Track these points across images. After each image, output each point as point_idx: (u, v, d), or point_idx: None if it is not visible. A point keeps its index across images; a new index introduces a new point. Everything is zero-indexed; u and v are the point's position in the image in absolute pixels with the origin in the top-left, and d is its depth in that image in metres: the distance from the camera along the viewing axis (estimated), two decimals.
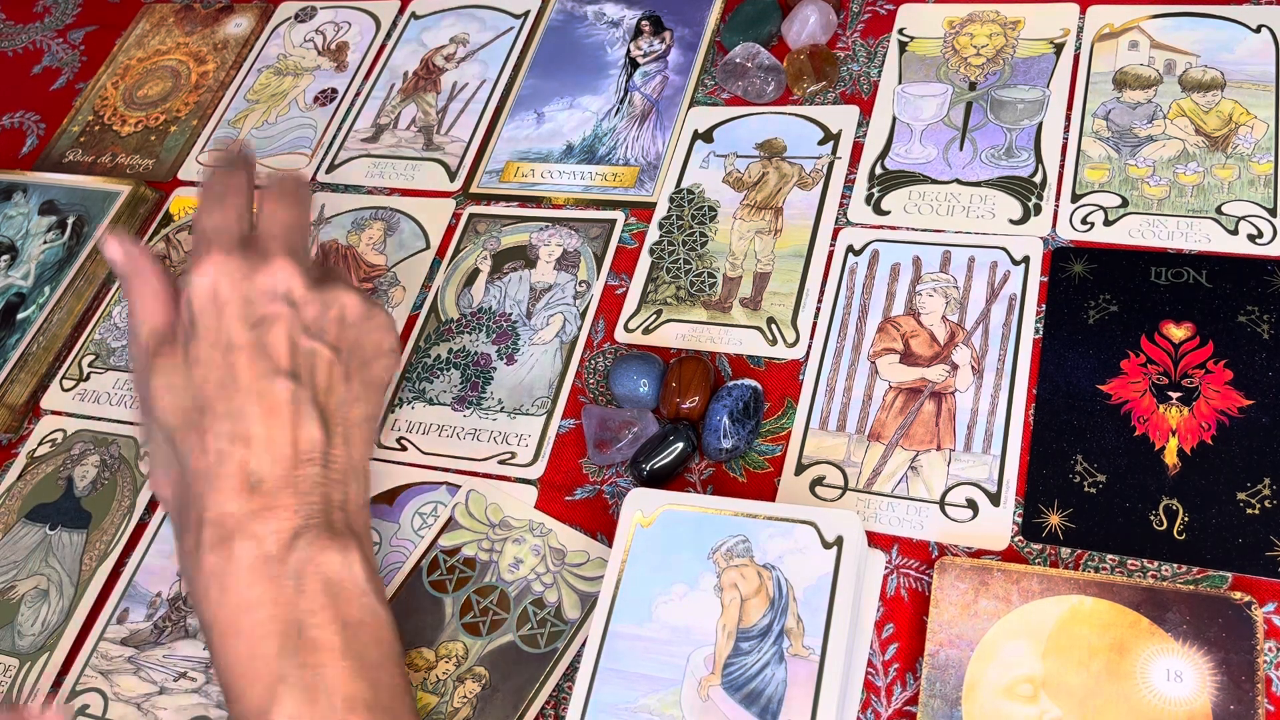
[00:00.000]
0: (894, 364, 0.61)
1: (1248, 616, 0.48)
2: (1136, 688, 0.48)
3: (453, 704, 0.56)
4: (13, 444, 0.73)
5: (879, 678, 0.52)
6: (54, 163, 0.89)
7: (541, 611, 0.57)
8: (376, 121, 0.83)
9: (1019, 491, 0.56)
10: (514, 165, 0.77)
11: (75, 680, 0.62)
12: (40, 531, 0.68)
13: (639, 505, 0.56)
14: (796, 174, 0.70)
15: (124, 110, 0.91)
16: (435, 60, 0.86)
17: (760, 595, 0.52)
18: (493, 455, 0.64)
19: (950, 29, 0.74)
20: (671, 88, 0.77)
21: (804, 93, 0.74)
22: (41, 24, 1.02)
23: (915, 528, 0.56)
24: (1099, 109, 0.68)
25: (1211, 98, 0.66)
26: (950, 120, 0.70)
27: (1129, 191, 0.64)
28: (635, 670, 0.51)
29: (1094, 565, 0.53)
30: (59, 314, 0.78)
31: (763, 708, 0.49)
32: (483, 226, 0.74)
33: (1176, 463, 0.54)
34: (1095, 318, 0.60)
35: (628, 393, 0.62)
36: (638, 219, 0.72)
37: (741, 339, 0.64)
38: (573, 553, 0.59)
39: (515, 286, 0.71)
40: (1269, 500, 0.52)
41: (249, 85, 0.89)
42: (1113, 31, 0.70)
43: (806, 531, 0.52)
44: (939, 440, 0.58)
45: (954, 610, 0.52)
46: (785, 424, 0.61)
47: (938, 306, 0.62)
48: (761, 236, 0.68)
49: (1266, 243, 0.60)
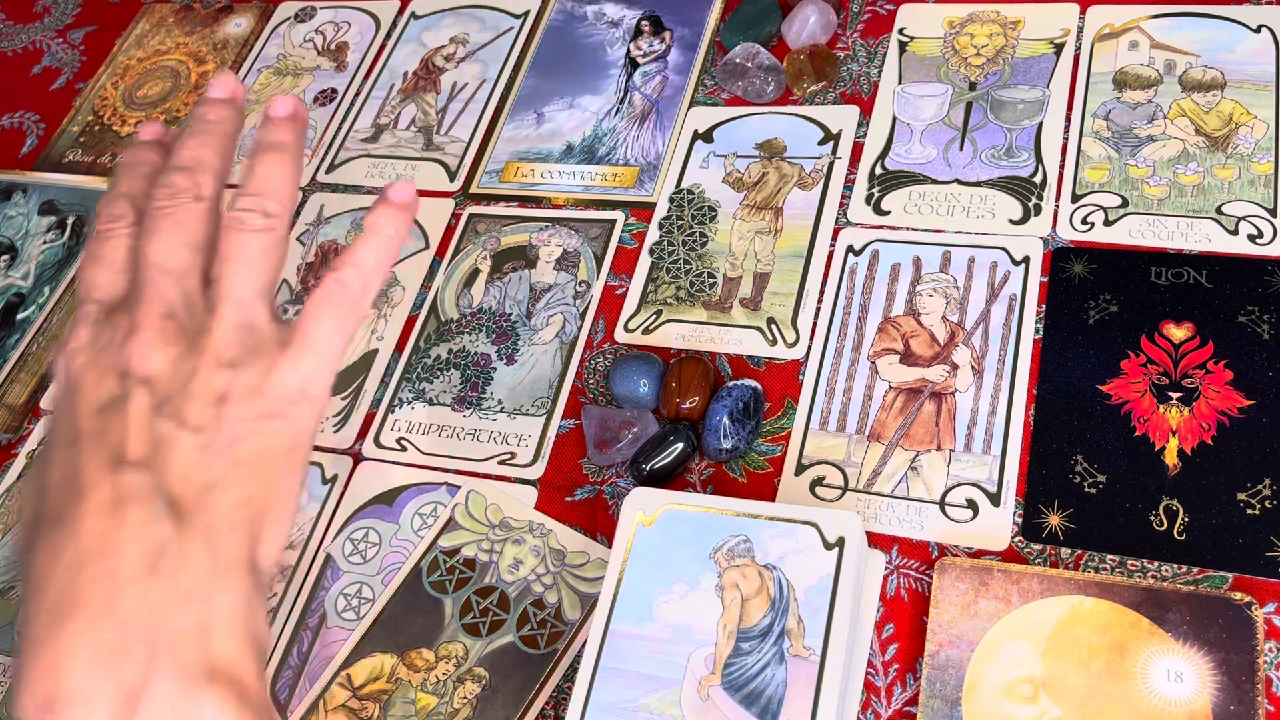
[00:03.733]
0: (894, 364, 0.61)
1: (1248, 617, 0.48)
2: (1136, 688, 0.48)
3: (453, 705, 0.56)
4: (13, 444, 0.73)
5: (879, 678, 0.52)
6: (54, 163, 0.89)
7: (541, 612, 0.57)
8: (376, 121, 0.83)
9: (1019, 492, 0.56)
10: (514, 165, 0.77)
11: None
12: None
13: (641, 504, 0.56)
14: (796, 174, 0.70)
15: (124, 110, 0.91)
16: (435, 60, 0.85)
17: (761, 595, 0.52)
18: (493, 456, 0.64)
19: (950, 29, 0.74)
20: (671, 88, 0.77)
21: (804, 93, 0.74)
22: (41, 24, 1.02)
23: (915, 528, 0.56)
24: (1099, 109, 0.68)
25: (1212, 98, 0.66)
26: (950, 120, 0.70)
27: (1129, 191, 0.64)
28: (635, 670, 0.51)
29: (1094, 565, 0.53)
30: (59, 314, 0.78)
31: (763, 708, 0.49)
32: (483, 226, 0.74)
33: (1177, 463, 0.54)
34: (1095, 318, 0.60)
35: (628, 393, 0.62)
36: (638, 219, 0.72)
37: (741, 339, 0.64)
38: (573, 553, 0.59)
39: (515, 286, 0.71)
40: (1269, 500, 0.52)
41: (249, 85, 0.89)
42: (1113, 31, 0.70)
43: (808, 532, 0.52)
44: (939, 440, 0.58)
45: (954, 610, 0.52)
46: (785, 424, 0.61)
47: (938, 307, 0.62)
48: (761, 236, 0.68)
49: (1267, 243, 0.60)
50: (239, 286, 0.44)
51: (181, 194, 0.45)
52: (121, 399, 0.42)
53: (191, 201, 0.45)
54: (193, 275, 0.44)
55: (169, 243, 0.44)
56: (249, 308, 0.44)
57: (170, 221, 0.44)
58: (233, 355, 0.43)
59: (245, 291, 0.44)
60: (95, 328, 0.44)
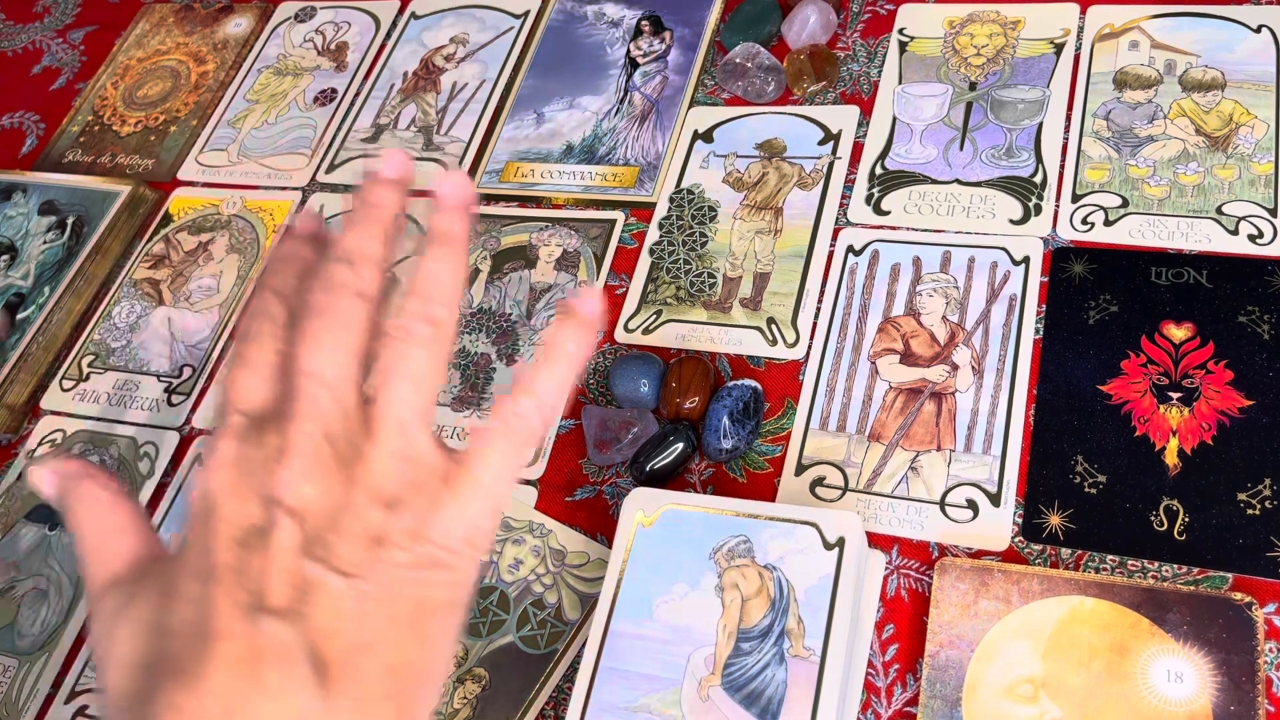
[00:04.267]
0: (894, 364, 0.61)
1: (1248, 617, 0.48)
2: (1137, 688, 0.48)
3: (453, 705, 0.55)
4: (13, 444, 0.73)
5: (879, 678, 0.52)
6: (54, 163, 0.89)
7: (541, 612, 0.57)
8: (376, 121, 0.83)
9: (1019, 492, 0.56)
10: (514, 165, 0.77)
11: (75, 680, 0.62)
12: (40, 532, 0.68)
13: (641, 504, 0.56)
14: (796, 174, 0.70)
15: (124, 110, 0.91)
16: (435, 60, 0.85)
17: (761, 596, 0.52)
18: None
19: (950, 29, 0.74)
20: (671, 88, 0.77)
21: (804, 93, 0.74)
22: (41, 24, 1.02)
23: (915, 528, 0.56)
24: (1099, 109, 0.68)
25: (1212, 98, 0.66)
26: (950, 120, 0.70)
27: (1129, 191, 0.64)
28: (635, 670, 0.51)
29: (1094, 566, 0.53)
30: (59, 314, 0.78)
31: (763, 708, 0.49)
32: (483, 226, 0.74)
33: (1177, 463, 0.54)
34: (1095, 318, 0.60)
35: (628, 393, 0.62)
36: (638, 219, 0.72)
37: (741, 339, 0.64)
38: (573, 553, 0.59)
39: (515, 286, 0.71)
40: (1269, 501, 0.52)
41: (249, 85, 0.89)
42: (1113, 31, 0.70)
43: (808, 532, 0.52)
44: (939, 441, 0.58)
45: (954, 611, 0.52)
46: (785, 424, 0.61)
47: (938, 307, 0.62)
48: (761, 236, 0.68)
49: (1267, 243, 0.60)
50: (400, 407, 0.39)
51: (342, 289, 0.40)
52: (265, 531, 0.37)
53: (353, 298, 0.40)
54: (351, 388, 0.39)
55: (327, 348, 0.39)
56: (410, 433, 0.39)
57: (328, 322, 0.39)
58: (391, 490, 0.38)
59: (407, 413, 0.39)
60: (240, 443, 0.38)
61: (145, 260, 0.80)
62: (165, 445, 0.70)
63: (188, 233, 0.81)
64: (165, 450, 0.69)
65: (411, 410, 0.39)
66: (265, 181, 0.82)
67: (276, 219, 0.79)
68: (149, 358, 0.75)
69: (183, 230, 0.81)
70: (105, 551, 0.40)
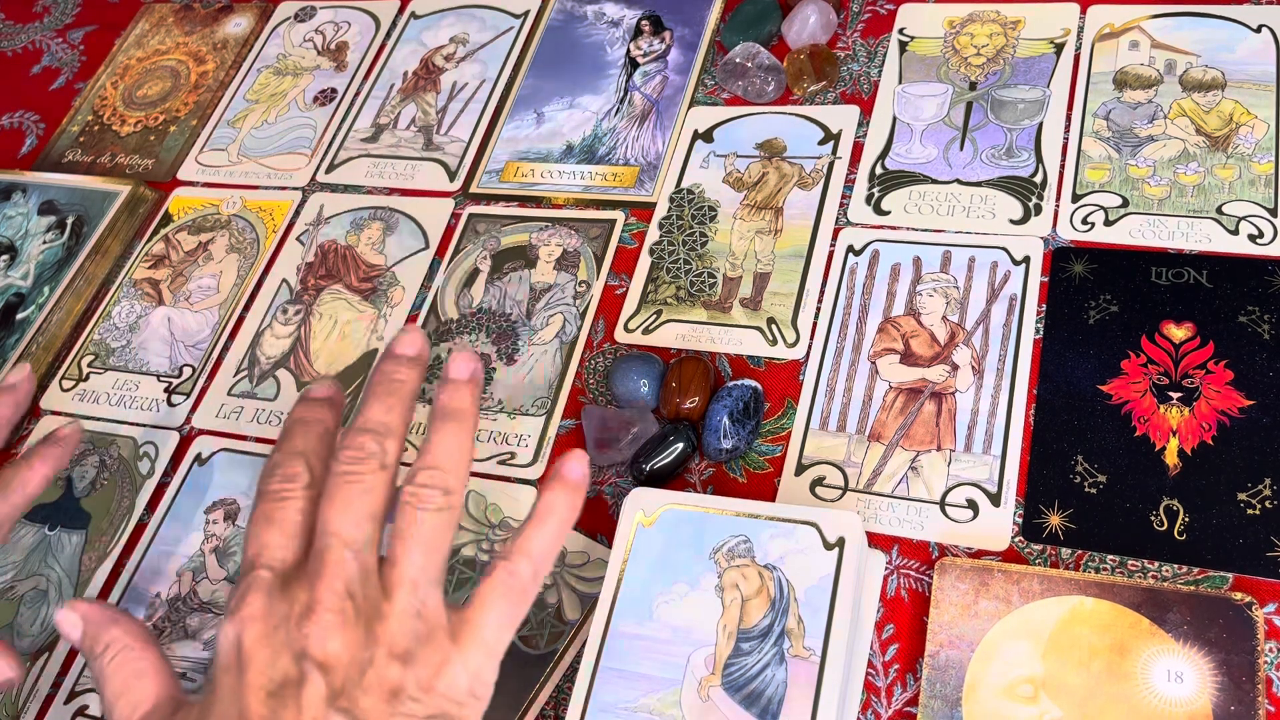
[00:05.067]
0: (894, 364, 0.61)
1: (1248, 617, 0.48)
2: (1137, 688, 0.48)
3: None
4: (13, 444, 0.73)
5: (879, 678, 0.52)
6: (53, 163, 0.89)
7: (541, 612, 0.57)
8: (376, 121, 0.83)
9: (1019, 492, 0.56)
10: (514, 165, 0.77)
11: (75, 680, 0.62)
12: (40, 532, 0.68)
13: (640, 504, 0.56)
14: (796, 174, 0.70)
15: (123, 110, 0.91)
16: (435, 60, 0.85)
17: (761, 596, 0.52)
18: (493, 456, 0.64)
19: (950, 29, 0.74)
20: (671, 88, 0.77)
21: (804, 92, 0.74)
22: (41, 24, 1.02)
23: (915, 528, 0.56)
24: (1099, 109, 0.68)
25: (1212, 98, 0.66)
26: (950, 120, 0.70)
27: (1129, 191, 0.64)
28: (635, 670, 0.51)
29: (1094, 566, 0.53)
30: (58, 314, 0.78)
31: (763, 709, 0.49)
32: (482, 226, 0.74)
33: (1177, 463, 0.54)
34: (1096, 318, 0.60)
35: (628, 393, 0.62)
36: (638, 219, 0.72)
37: (741, 339, 0.64)
38: (573, 553, 0.59)
39: (515, 286, 0.71)
40: (1269, 500, 0.52)
41: (249, 85, 0.89)
42: (1113, 31, 0.70)
43: (808, 532, 0.52)
44: (939, 440, 0.58)
45: (954, 611, 0.52)
46: (785, 424, 0.61)
47: (938, 307, 0.62)
48: (761, 236, 0.68)
49: (1267, 243, 0.60)
50: (414, 569, 0.42)
51: (368, 459, 0.43)
52: (297, 684, 0.39)
53: (378, 469, 0.43)
54: (372, 550, 0.42)
55: (353, 513, 0.42)
56: (423, 594, 0.42)
57: (355, 489, 0.42)
58: (406, 646, 0.41)
59: (420, 575, 0.42)
60: (269, 598, 0.41)
61: (145, 260, 0.80)
62: (165, 445, 0.70)
63: (187, 233, 0.81)
64: (165, 450, 0.69)
65: (424, 573, 0.42)
66: (265, 181, 0.82)
67: (276, 219, 0.79)
68: (149, 357, 0.75)
69: (182, 230, 0.81)
70: (132, 694, 0.43)
